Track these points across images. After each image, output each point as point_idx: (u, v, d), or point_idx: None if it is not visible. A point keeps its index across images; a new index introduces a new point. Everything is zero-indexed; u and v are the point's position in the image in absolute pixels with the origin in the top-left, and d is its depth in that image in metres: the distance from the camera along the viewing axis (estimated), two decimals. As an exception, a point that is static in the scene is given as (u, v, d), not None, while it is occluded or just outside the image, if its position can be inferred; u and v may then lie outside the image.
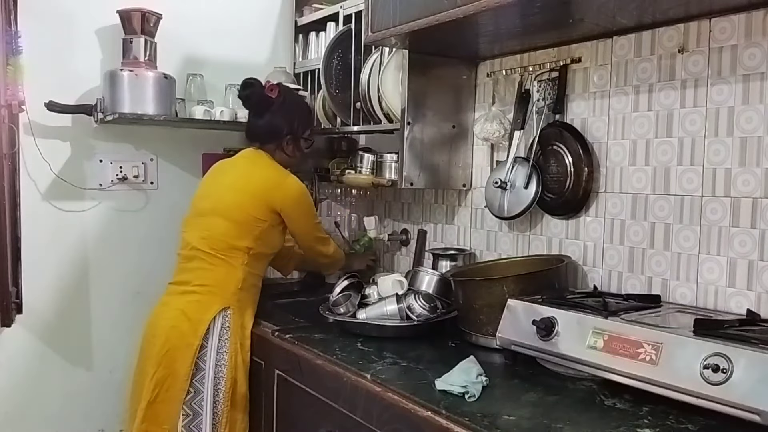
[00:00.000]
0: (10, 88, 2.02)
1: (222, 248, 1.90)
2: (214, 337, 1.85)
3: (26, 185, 2.19)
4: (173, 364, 1.83)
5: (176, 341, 1.84)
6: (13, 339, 2.20)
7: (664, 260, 1.60)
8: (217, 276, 1.90)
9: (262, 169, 1.99)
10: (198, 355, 1.83)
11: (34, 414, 2.25)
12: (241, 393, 1.88)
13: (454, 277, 1.81)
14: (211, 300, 1.88)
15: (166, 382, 1.83)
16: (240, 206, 1.91)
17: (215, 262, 1.90)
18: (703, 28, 1.51)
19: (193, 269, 1.93)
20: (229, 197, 1.94)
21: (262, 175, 1.97)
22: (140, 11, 2.18)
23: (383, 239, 2.52)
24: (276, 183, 1.95)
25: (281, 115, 2.03)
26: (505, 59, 2.01)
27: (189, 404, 1.82)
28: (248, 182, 1.96)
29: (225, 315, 1.87)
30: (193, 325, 1.84)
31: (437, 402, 1.28)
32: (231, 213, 1.91)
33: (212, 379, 1.83)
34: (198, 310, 1.86)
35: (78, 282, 2.32)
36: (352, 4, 2.27)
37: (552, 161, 1.81)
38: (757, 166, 1.43)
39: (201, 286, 1.90)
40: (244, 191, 1.93)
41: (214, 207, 1.95)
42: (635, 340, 1.27)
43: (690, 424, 1.17)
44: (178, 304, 1.89)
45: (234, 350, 1.86)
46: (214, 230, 1.92)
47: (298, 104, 2.12)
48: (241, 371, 1.88)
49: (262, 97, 2.03)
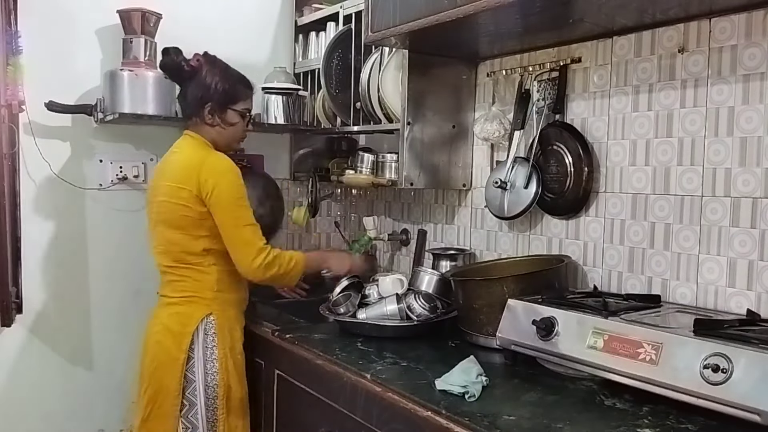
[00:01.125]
0: (10, 88, 2.02)
1: (182, 258, 1.80)
2: (198, 347, 1.78)
3: (26, 185, 2.19)
4: (162, 380, 1.78)
5: (162, 357, 1.79)
6: (13, 339, 2.20)
7: (664, 260, 1.60)
8: (189, 285, 1.81)
9: (182, 155, 1.83)
10: (186, 367, 1.77)
11: (34, 414, 2.25)
12: (237, 398, 1.82)
13: (454, 277, 1.81)
14: (190, 310, 1.81)
15: (158, 398, 1.78)
16: (175, 209, 1.76)
17: (182, 272, 1.81)
18: (703, 28, 1.51)
19: (167, 282, 1.86)
20: (163, 202, 1.79)
21: (181, 162, 1.81)
22: (140, 11, 2.18)
23: (383, 239, 2.52)
24: (193, 168, 1.76)
25: (201, 83, 1.84)
26: (505, 59, 2.01)
27: (186, 417, 1.78)
28: (172, 176, 1.78)
29: (208, 322, 1.80)
30: (176, 339, 1.78)
31: (437, 402, 1.28)
32: (171, 219, 1.78)
33: (203, 390, 1.77)
34: (179, 322, 1.80)
35: (78, 282, 2.32)
36: (352, 4, 2.27)
37: (552, 161, 1.81)
38: (757, 166, 1.43)
39: (179, 297, 1.82)
40: (172, 190, 1.77)
41: (158, 218, 1.82)
42: (635, 340, 1.27)
43: (690, 424, 1.16)
44: (162, 318, 1.83)
45: (223, 356, 1.80)
46: (166, 243, 1.81)
47: (221, 71, 1.89)
48: (234, 376, 1.82)
49: (179, 65, 1.86)
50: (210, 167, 1.76)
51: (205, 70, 1.86)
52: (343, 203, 2.81)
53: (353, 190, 2.74)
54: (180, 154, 1.85)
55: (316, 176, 2.56)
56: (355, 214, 2.78)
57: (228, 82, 1.87)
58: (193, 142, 1.85)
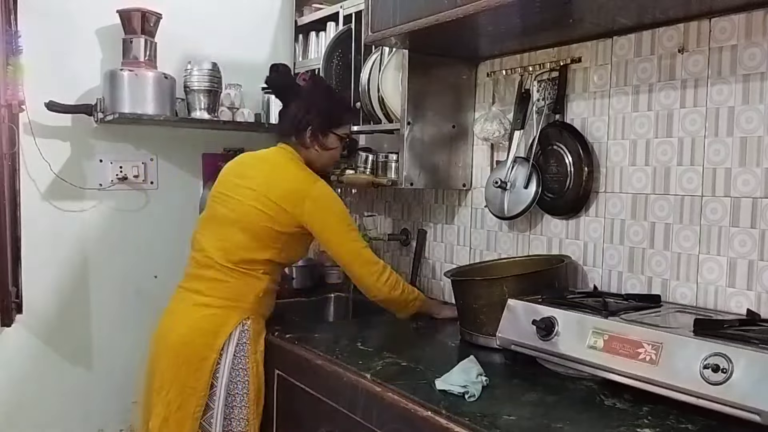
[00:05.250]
0: (10, 88, 2.03)
1: (240, 262, 1.76)
2: (229, 350, 1.73)
3: (26, 185, 2.19)
4: (187, 382, 1.71)
5: (190, 357, 1.72)
6: (13, 339, 2.21)
7: (664, 260, 1.60)
8: (235, 289, 1.77)
9: (285, 172, 1.82)
10: (213, 369, 1.72)
11: (34, 414, 2.25)
12: (262, 405, 1.79)
13: (453, 276, 1.81)
14: (228, 314, 1.75)
15: (179, 399, 1.72)
16: (261, 220, 1.75)
17: (233, 275, 1.77)
18: (703, 28, 1.51)
19: (207, 279, 1.78)
20: (248, 207, 1.77)
21: (285, 180, 1.80)
22: (140, 11, 2.19)
23: (383, 239, 2.52)
24: (300, 193, 1.76)
25: (305, 104, 1.85)
26: (505, 59, 2.01)
27: (199, 421, 1.73)
28: (269, 189, 1.77)
29: (244, 327, 1.76)
30: (208, 340, 1.72)
31: (437, 402, 1.28)
32: (250, 225, 1.76)
33: (224, 395, 1.73)
34: (213, 323, 1.74)
35: (78, 282, 2.32)
36: (352, 4, 2.27)
37: (552, 161, 1.81)
38: (757, 166, 1.43)
39: (217, 298, 1.76)
40: (265, 201, 1.75)
41: (232, 217, 1.79)
42: (635, 340, 1.27)
43: (690, 424, 1.16)
44: (190, 319, 1.76)
45: (254, 361, 1.76)
46: (231, 242, 1.77)
47: (328, 94, 1.94)
48: (262, 380, 1.79)
49: (287, 83, 1.90)
50: (317, 200, 1.77)
51: (311, 90, 1.90)
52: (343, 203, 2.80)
53: (353, 190, 2.74)
54: (283, 169, 1.83)
55: (316, 176, 2.55)
56: (355, 214, 2.78)
57: (333, 105, 1.90)
58: (294, 160, 1.84)
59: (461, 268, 1.99)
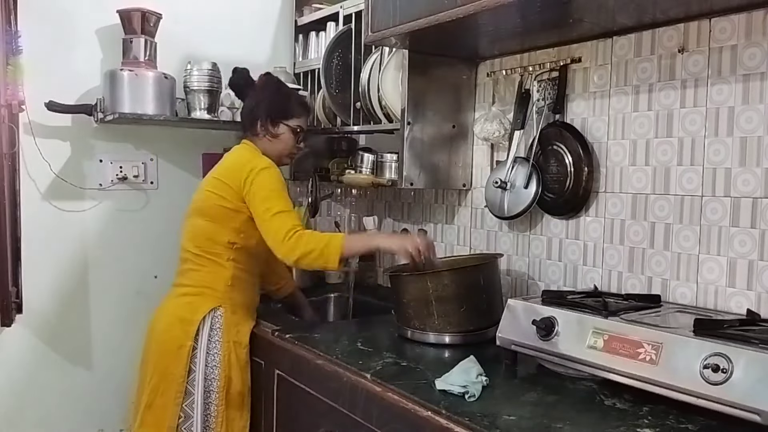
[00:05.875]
0: (10, 88, 2.03)
1: (205, 246, 1.89)
2: (203, 337, 1.84)
3: (26, 185, 2.19)
4: (168, 367, 1.83)
5: (169, 344, 1.84)
6: (13, 339, 2.20)
7: (664, 260, 1.60)
8: (205, 276, 1.89)
9: (234, 154, 1.98)
10: (190, 356, 1.82)
11: (34, 414, 2.25)
12: (236, 391, 1.86)
13: (390, 272, 1.84)
14: (200, 301, 1.88)
15: (161, 386, 1.83)
16: (212, 200, 1.89)
17: (202, 261, 1.90)
18: (703, 28, 1.51)
19: (185, 271, 1.94)
20: (205, 192, 1.92)
21: (232, 160, 1.95)
22: (140, 11, 2.18)
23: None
24: (242, 168, 1.87)
25: (256, 98, 2.02)
26: (505, 59, 2.01)
27: (180, 406, 1.82)
28: (220, 171, 1.94)
29: (215, 314, 1.86)
30: (184, 327, 1.84)
31: (437, 402, 1.28)
32: (207, 209, 1.90)
33: (202, 381, 1.82)
34: (188, 311, 1.86)
35: (78, 282, 2.32)
36: (352, 4, 2.27)
37: (552, 161, 1.81)
38: (757, 166, 1.43)
39: (192, 287, 1.90)
40: (214, 182, 1.91)
41: (195, 206, 1.95)
42: (635, 340, 1.27)
43: (690, 424, 1.17)
44: (171, 307, 1.90)
45: (227, 349, 1.85)
46: (196, 229, 1.92)
47: (275, 88, 2.07)
48: (236, 369, 1.86)
49: (246, 83, 2.08)
50: (253, 165, 1.86)
51: (262, 86, 2.05)
52: (343, 203, 2.81)
53: (353, 190, 2.74)
54: (233, 154, 1.99)
55: (316, 176, 2.55)
56: (355, 214, 2.78)
57: (281, 98, 2.03)
58: (247, 147, 1.98)
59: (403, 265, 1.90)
